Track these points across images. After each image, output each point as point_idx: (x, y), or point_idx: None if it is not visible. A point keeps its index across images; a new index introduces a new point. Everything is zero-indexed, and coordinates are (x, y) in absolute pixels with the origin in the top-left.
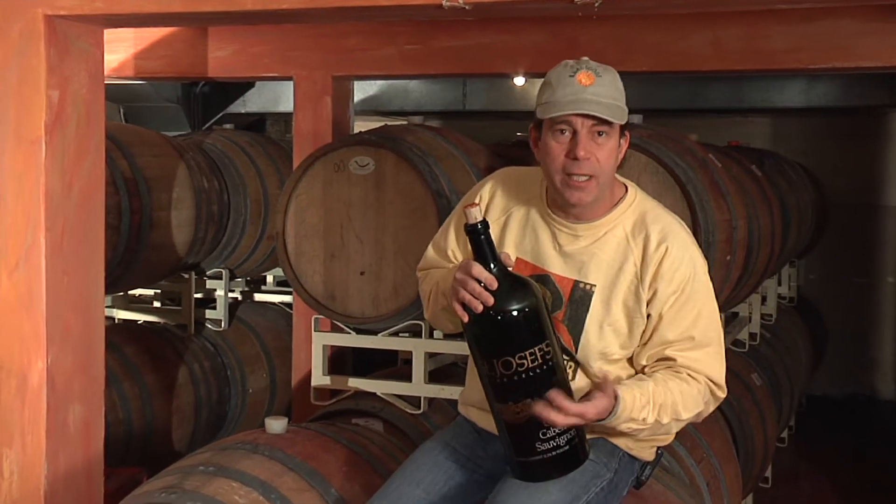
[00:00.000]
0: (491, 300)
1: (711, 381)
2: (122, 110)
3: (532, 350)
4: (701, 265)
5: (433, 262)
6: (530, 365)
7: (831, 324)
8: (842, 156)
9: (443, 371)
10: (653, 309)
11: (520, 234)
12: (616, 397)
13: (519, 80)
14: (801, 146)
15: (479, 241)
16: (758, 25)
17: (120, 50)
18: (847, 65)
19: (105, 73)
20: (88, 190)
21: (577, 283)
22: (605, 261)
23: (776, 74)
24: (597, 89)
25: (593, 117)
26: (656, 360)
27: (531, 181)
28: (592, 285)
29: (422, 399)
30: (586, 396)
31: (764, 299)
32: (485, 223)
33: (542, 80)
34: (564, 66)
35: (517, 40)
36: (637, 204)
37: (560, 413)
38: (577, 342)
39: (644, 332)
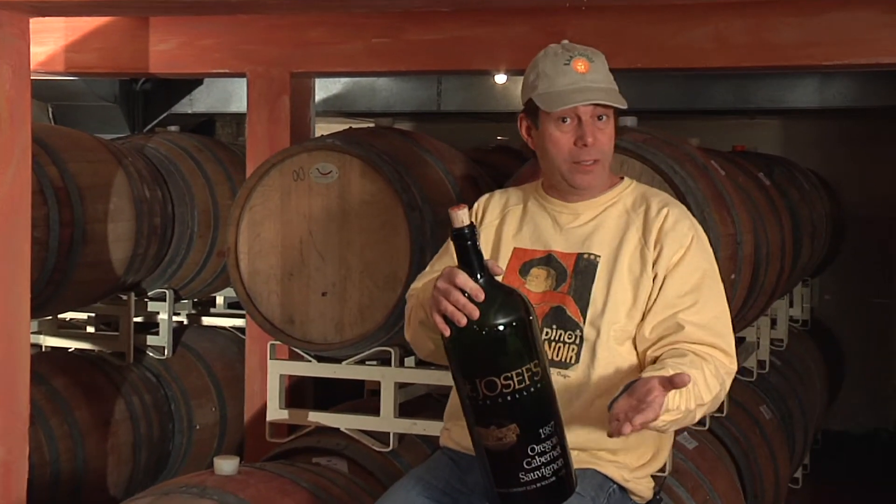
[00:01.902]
0: (476, 313)
1: (720, 349)
2: (50, 110)
3: (519, 370)
4: (703, 235)
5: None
6: (517, 386)
7: (849, 350)
8: (860, 163)
9: (415, 403)
10: (659, 267)
11: (517, 227)
12: None
13: (500, 78)
14: (814, 152)
15: (465, 247)
16: (765, 17)
17: (48, 41)
18: (865, 61)
19: (31, 67)
20: (12, 200)
21: (580, 255)
22: (608, 232)
23: (786, 72)
24: (594, 76)
25: (597, 103)
26: (659, 339)
27: (525, 189)
28: (597, 255)
29: (391, 435)
30: (628, 391)
31: (774, 323)
32: (472, 227)
33: (529, 66)
34: (555, 54)
35: (498, 34)
36: (636, 186)
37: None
38: (584, 313)
39: (650, 295)
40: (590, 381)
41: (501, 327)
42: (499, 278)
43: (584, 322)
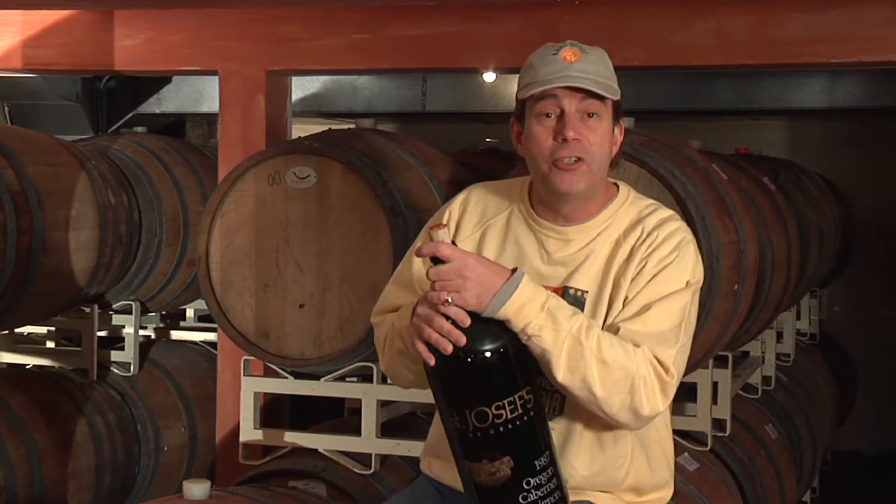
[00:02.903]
0: (463, 339)
1: (656, 357)
2: (7, 109)
3: (511, 398)
4: (691, 257)
5: (394, 302)
6: (509, 416)
7: (861, 365)
8: (871, 165)
9: (398, 423)
10: (629, 291)
11: (499, 247)
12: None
13: (489, 77)
14: (822, 154)
15: None
16: (770, 12)
17: (5, 36)
18: (876, 58)
19: None
20: None
21: (566, 289)
22: (597, 264)
23: (792, 70)
24: (583, 66)
25: (581, 92)
26: None
27: (509, 190)
28: (584, 291)
29: (373, 457)
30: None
31: (780, 336)
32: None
33: (519, 72)
34: (547, 47)
35: (486, 29)
36: (631, 202)
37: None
38: None
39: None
40: (576, 433)
41: (490, 353)
42: None
43: None
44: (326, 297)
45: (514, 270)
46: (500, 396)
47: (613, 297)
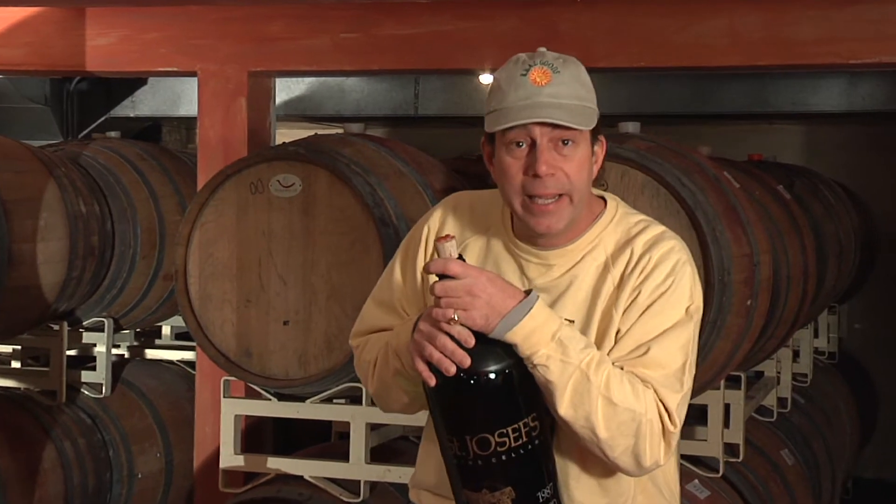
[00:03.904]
0: (468, 360)
1: (661, 400)
2: None
3: (516, 425)
4: (688, 281)
5: (375, 324)
6: (513, 444)
7: (883, 386)
8: (892, 172)
9: (389, 448)
10: (626, 318)
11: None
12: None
13: (485, 79)
14: (840, 161)
15: None
16: (785, 10)
17: None
18: None
19: None
20: None
21: None
22: (582, 290)
23: (809, 71)
24: (555, 89)
25: (552, 124)
26: None
27: (490, 204)
28: (570, 321)
29: (362, 484)
30: None
31: (796, 355)
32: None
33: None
34: (515, 63)
35: (482, 28)
36: (619, 219)
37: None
38: None
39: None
40: (579, 465)
41: (495, 375)
42: None
43: None
44: (312, 312)
45: (528, 292)
46: (504, 423)
47: (604, 330)
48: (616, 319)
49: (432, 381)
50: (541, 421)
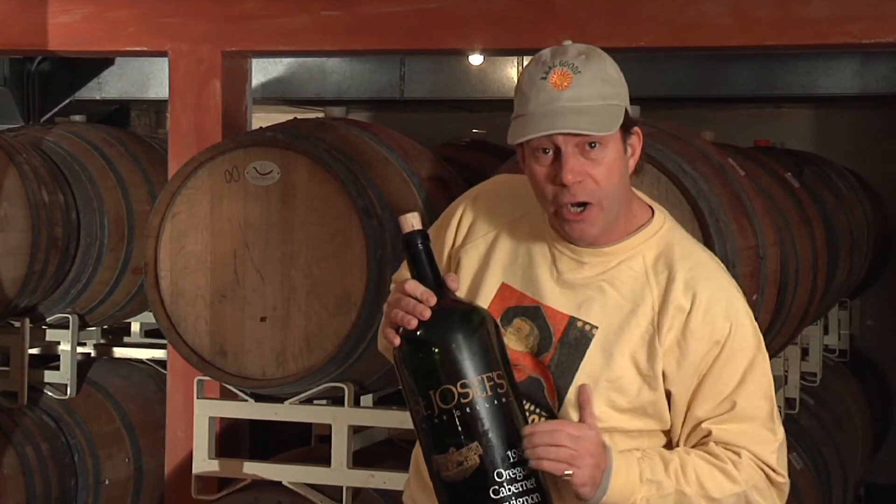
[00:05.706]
0: (428, 312)
1: (759, 459)
2: None
3: (479, 377)
4: (744, 313)
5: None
6: (477, 395)
7: None
8: None
9: (373, 452)
10: (678, 384)
11: (510, 255)
12: (603, 444)
13: (475, 59)
14: (853, 147)
15: (417, 255)
16: None
17: None
18: None
19: None
20: None
21: (573, 319)
22: (613, 298)
23: (819, 52)
24: (575, 91)
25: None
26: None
27: (530, 190)
28: (594, 327)
29: (343, 490)
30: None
31: (805, 353)
32: (423, 233)
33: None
34: (537, 63)
35: (473, 6)
36: (665, 233)
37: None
38: (560, 396)
39: (672, 412)
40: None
41: (457, 330)
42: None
43: (558, 409)
44: (291, 308)
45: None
46: (467, 374)
47: (650, 360)
48: (659, 352)
49: (396, 342)
50: (509, 382)
